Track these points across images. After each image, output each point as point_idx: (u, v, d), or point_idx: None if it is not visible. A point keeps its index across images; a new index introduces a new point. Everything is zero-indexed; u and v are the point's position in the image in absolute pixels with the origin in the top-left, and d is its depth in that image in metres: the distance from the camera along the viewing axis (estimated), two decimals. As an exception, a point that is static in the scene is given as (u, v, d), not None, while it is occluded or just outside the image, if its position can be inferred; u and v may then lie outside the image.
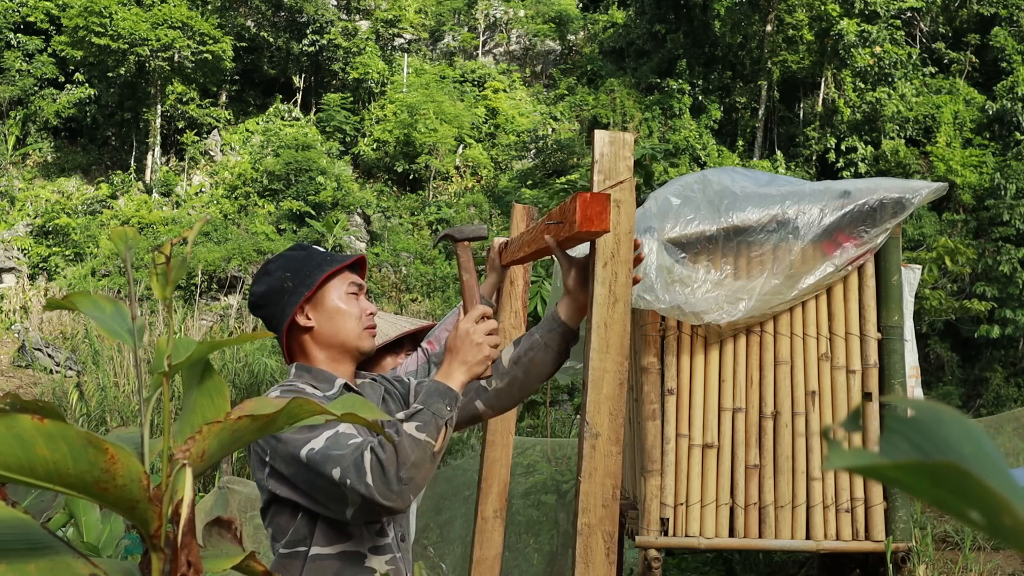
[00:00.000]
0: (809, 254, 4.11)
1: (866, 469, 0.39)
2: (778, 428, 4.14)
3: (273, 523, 1.78)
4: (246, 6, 22.29)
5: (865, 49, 18.69)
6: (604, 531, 1.57)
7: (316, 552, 1.73)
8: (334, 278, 1.92)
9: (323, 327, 1.89)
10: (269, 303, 1.89)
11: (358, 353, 1.93)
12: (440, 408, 1.68)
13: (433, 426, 1.65)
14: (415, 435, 1.63)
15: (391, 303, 17.42)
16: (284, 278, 1.89)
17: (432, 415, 1.66)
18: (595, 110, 20.97)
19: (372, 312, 1.95)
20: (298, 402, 0.71)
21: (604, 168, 1.63)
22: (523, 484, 6.41)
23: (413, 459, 1.61)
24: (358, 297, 1.94)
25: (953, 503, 0.38)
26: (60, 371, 12.78)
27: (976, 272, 14.86)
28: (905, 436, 0.40)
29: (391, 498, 1.59)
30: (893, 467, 0.38)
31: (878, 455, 0.39)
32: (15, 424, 0.60)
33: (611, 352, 1.62)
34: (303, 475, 1.67)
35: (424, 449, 1.62)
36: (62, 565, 0.65)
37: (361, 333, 1.91)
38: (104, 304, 0.78)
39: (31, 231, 18.89)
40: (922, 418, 0.41)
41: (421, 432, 1.63)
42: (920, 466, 0.38)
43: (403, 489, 1.60)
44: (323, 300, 1.90)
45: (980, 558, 5.53)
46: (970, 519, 0.38)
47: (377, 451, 1.61)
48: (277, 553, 1.77)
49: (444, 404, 1.69)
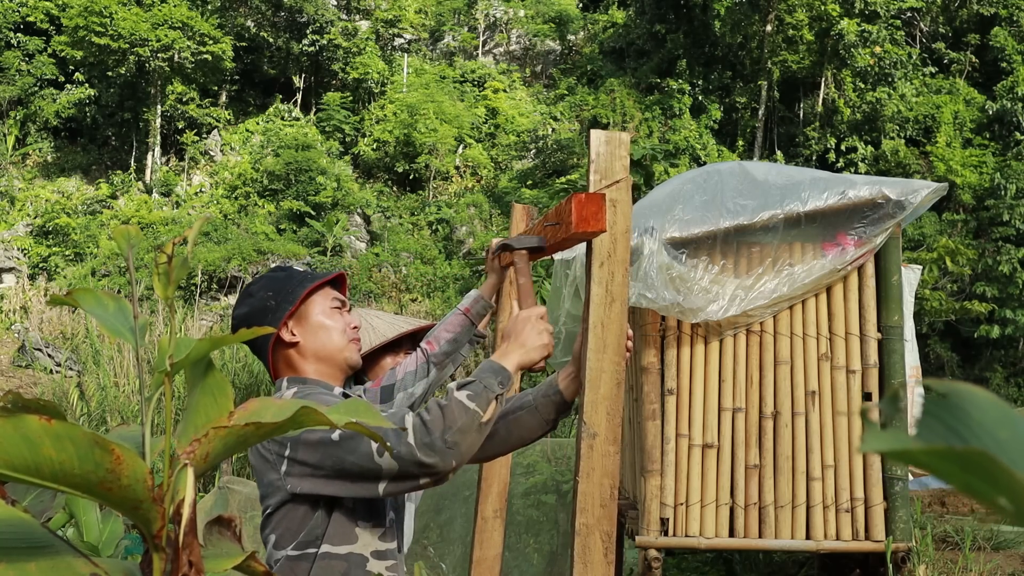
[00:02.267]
0: (809, 252, 4.12)
1: (899, 453, 0.39)
2: (778, 428, 4.14)
3: (281, 526, 1.75)
4: (246, 6, 22.28)
5: (865, 49, 18.68)
6: (602, 531, 1.57)
7: (327, 550, 1.72)
8: (316, 294, 1.94)
9: (308, 341, 1.90)
10: (253, 323, 1.89)
11: (345, 366, 1.94)
12: (491, 383, 1.68)
13: (484, 398, 1.66)
14: (465, 402, 1.64)
15: (391, 303, 17.42)
16: (266, 297, 1.91)
17: (484, 387, 1.67)
18: (595, 110, 20.96)
19: (356, 326, 1.98)
20: (305, 410, 0.71)
21: (600, 168, 1.64)
22: (523, 484, 6.41)
23: (460, 424, 1.61)
24: (341, 312, 1.96)
25: (983, 489, 0.38)
26: (60, 371, 12.78)
27: (976, 272, 14.86)
28: (941, 419, 0.41)
29: (432, 456, 1.59)
30: (925, 452, 0.38)
31: (912, 439, 0.39)
32: (22, 425, 0.60)
33: (608, 352, 1.62)
34: (333, 456, 1.65)
35: (472, 417, 1.63)
36: (62, 564, 0.65)
37: (347, 345, 1.93)
38: (107, 301, 0.79)
39: (31, 231, 18.89)
40: (958, 402, 0.41)
41: (471, 401, 1.64)
42: (951, 452, 0.38)
43: (447, 452, 1.60)
44: (307, 315, 1.92)
45: (980, 558, 5.53)
46: (999, 505, 0.39)
47: (423, 414, 1.62)
48: (284, 556, 1.75)
49: (496, 380, 1.69)
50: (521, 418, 1.86)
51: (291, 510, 1.75)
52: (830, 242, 4.12)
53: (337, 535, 1.73)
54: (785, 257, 4.10)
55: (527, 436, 1.88)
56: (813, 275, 4.06)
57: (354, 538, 1.74)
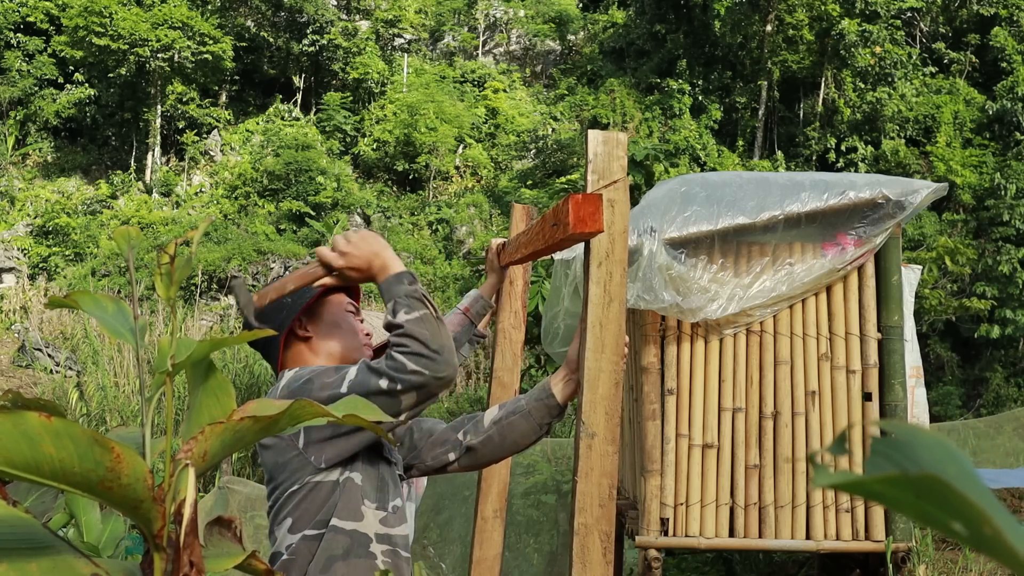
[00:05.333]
0: (808, 251, 4.12)
1: (851, 486, 0.40)
2: (778, 428, 4.14)
3: (300, 508, 1.74)
4: (246, 6, 22.28)
5: (865, 49, 18.68)
6: (601, 531, 1.57)
7: (335, 524, 1.72)
8: (331, 295, 1.96)
9: (321, 337, 1.91)
10: (268, 321, 1.89)
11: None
12: (402, 289, 1.72)
13: (413, 301, 1.70)
14: (411, 317, 1.67)
15: (391, 303, 17.39)
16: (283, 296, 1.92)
17: (404, 296, 1.70)
18: (595, 110, 20.96)
19: (369, 334, 2.00)
20: (300, 404, 0.72)
21: (598, 168, 1.64)
22: (523, 484, 6.42)
23: (428, 332, 1.66)
24: (355, 317, 1.98)
25: (937, 515, 0.39)
26: (60, 371, 12.78)
27: (976, 272, 14.86)
28: (889, 457, 0.41)
29: (438, 368, 1.64)
30: (878, 482, 0.39)
31: (862, 473, 0.40)
32: (22, 422, 0.61)
33: (606, 352, 1.63)
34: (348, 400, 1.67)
35: (426, 321, 1.67)
36: (63, 564, 0.65)
37: (359, 347, 1.94)
38: (106, 303, 0.79)
39: (31, 231, 18.89)
40: (906, 440, 0.42)
41: (410, 313, 1.68)
42: (904, 480, 0.39)
43: (444, 357, 1.65)
44: (322, 312, 1.93)
45: (980, 558, 5.53)
46: (953, 530, 0.39)
47: (400, 347, 1.66)
48: (301, 537, 1.73)
49: (403, 288, 1.72)
50: (514, 423, 1.85)
51: (313, 489, 1.74)
52: (830, 242, 4.12)
53: (346, 510, 1.73)
54: (784, 257, 4.10)
55: (521, 441, 1.87)
56: (813, 275, 4.06)
57: (360, 515, 1.74)
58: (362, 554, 1.73)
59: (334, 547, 1.71)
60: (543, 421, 1.85)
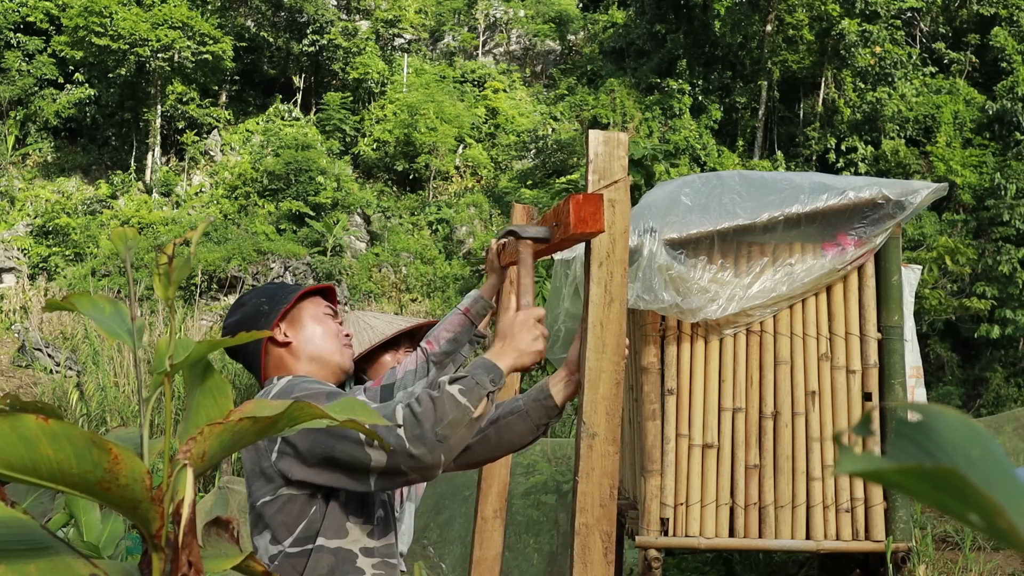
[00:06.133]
0: (808, 251, 4.11)
1: (872, 474, 0.40)
2: (778, 428, 4.14)
3: (276, 519, 1.72)
4: (246, 6, 22.28)
5: (865, 49, 18.68)
6: (602, 531, 1.57)
7: (321, 543, 1.71)
8: (308, 300, 1.98)
9: (300, 342, 1.92)
10: (246, 328, 1.89)
11: (338, 369, 1.95)
12: (484, 379, 1.65)
13: (475, 394, 1.63)
14: (457, 396, 1.61)
15: (391, 303, 17.42)
16: (259, 303, 1.94)
17: (476, 383, 1.64)
18: (595, 110, 20.96)
19: (348, 334, 2.01)
20: (299, 405, 0.71)
21: (599, 168, 1.64)
22: (523, 484, 6.42)
23: (451, 418, 1.59)
24: (333, 319, 1.99)
25: (954, 507, 0.40)
26: (60, 371, 12.78)
27: (976, 272, 14.85)
28: (913, 440, 0.41)
29: (421, 448, 1.56)
30: (896, 472, 0.39)
31: (886, 460, 0.40)
32: (19, 424, 0.61)
33: (607, 352, 1.62)
34: (322, 443, 1.63)
35: (463, 412, 1.60)
36: (62, 565, 0.65)
37: (339, 349, 1.95)
38: (103, 305, 0.79)
39: (31, 231, 18.89)
40: (929, 422, 0.42)
41: (463, 396, 1.61)
42: (922, 471, 0.39)
43: (437, 445, 1.57)
44: (300, 317, 1.95)
45: (980, 558, 5.53)
46: (970, 521, 0.40)
47: (413, 406, 1.60)
48: (282, 553, 1.72)
49: (488, 378, 1.66)
50: (511, 423, 1.84)
51: (288, 502, 1.72)
52: (830, 242, 4.12)
53: (331, 528, 1.71)
54: (784, 257, 4.10)
55: (517, 441, 1.85)
56: (813, 275, 4.06)
57: (344, 532, 1.73)
58: (349, 570, 1.72)
59: (319, 567, 1.70)
60: (540, 422, 1.84)
